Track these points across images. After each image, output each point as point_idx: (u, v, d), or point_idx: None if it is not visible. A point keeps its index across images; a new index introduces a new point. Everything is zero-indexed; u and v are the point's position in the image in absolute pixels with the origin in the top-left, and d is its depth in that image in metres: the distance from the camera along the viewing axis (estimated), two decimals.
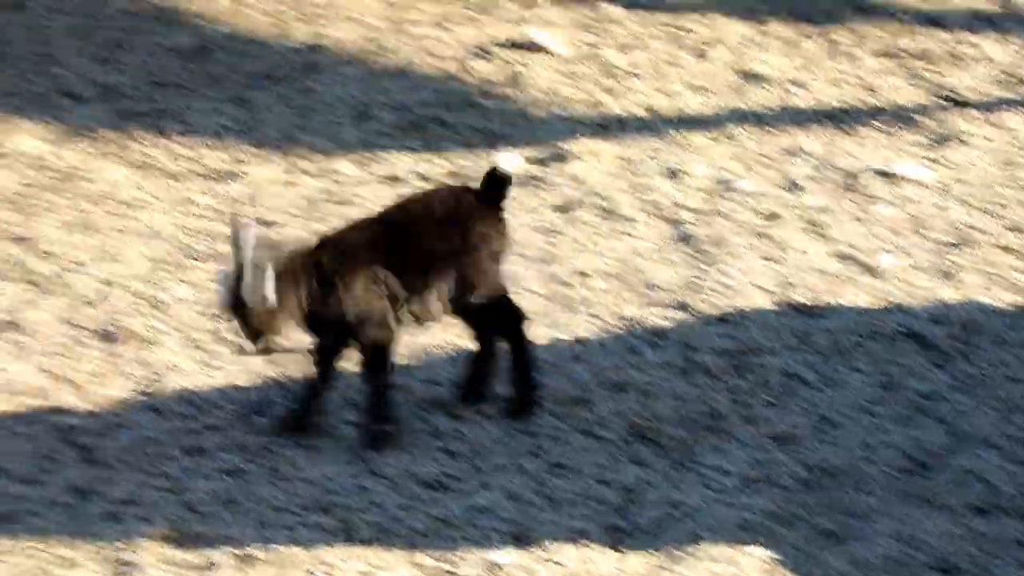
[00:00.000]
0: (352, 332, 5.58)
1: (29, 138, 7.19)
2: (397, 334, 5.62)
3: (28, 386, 5.87)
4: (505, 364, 5.80)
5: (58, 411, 5.77)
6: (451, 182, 7.06)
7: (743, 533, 5.39)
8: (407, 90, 7.64)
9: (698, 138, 7.31)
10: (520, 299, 5.88)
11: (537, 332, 6.18)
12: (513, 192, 6.95)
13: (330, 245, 5.60)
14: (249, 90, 7.62)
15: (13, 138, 7.18)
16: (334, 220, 6.79)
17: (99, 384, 5.89)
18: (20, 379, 5.90)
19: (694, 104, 7.52)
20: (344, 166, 7.18)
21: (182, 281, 6.43)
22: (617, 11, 8.07)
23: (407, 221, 5.63)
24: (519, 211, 6.85)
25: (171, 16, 8.09)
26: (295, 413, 5.68)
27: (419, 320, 5.65)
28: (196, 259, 6.56)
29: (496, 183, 5.69)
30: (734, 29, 7.92)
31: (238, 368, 6.00)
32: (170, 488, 5.48)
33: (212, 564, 5.24)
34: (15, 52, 7.73)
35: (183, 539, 5.31)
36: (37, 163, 7.05)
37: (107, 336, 6.09)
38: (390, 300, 5.58)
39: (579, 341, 6.21)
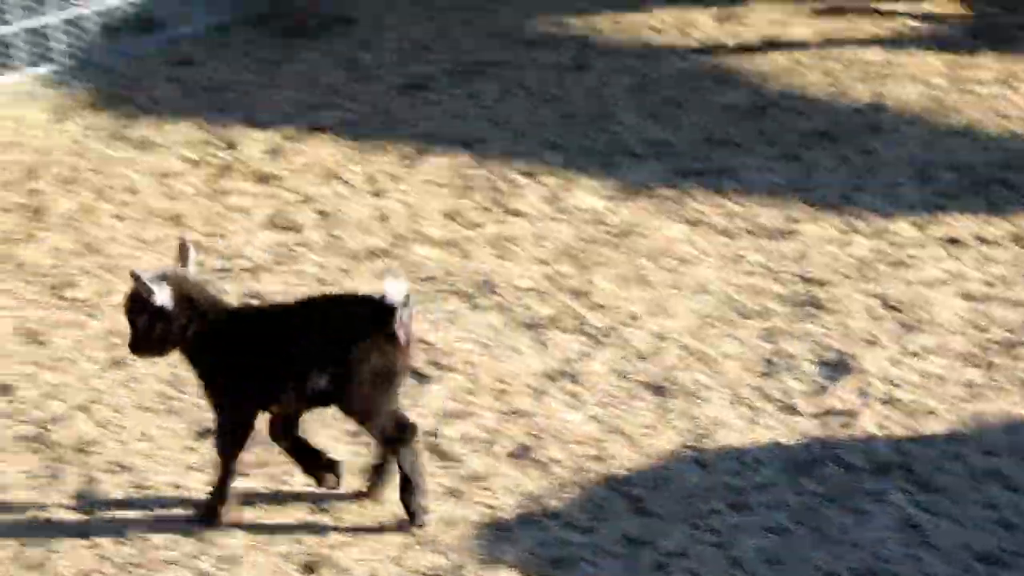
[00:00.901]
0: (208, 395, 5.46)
1: (588, 194, 7.34)
2: (250, 421, 5.42)
3: (582, 435, 5.95)
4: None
5: (610, 460, 5.82)
6: (1008, 245, 6.80)
7: None
8: (970, 149, 7.41)
9: None
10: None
11: None
12: None
13: (233, 314, 5.46)
14: (804, 148, 7.55)
15: (574, 193, 7.33)
16: (888, 282, 6.64)
17: (650, 436, 5.92)
18: (575, 428, 5.99)
19: None
20: (901, 227, 7.01)
21: (730, 337, 6.41)
22: None
23: (295, 320, 5.37)
24: None
25: (726, 75, 8.12)
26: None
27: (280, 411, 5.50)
28: (744, 316, 6.52)
29: (382, 310, 5.27)
30: None
31: (784, 426, 5.92)
32: (717, 543, 5.45)
33: None
34: (577, 111, 7.92)
35: None
36: (595, 218, 7.18)
37: (659, 390, 6.13)
38: (254, 388, 5.39)
39: None
